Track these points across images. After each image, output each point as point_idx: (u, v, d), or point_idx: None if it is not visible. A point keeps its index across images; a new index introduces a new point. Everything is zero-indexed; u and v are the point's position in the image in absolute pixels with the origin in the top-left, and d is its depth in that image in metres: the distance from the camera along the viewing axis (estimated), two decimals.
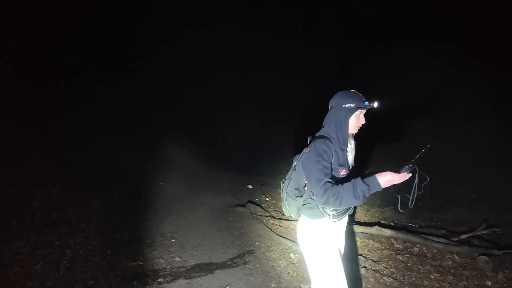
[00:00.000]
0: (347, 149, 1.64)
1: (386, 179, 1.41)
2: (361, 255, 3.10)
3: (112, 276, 2.45)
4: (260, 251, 3.24)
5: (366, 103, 1.55)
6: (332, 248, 1.66)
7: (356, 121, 1.59)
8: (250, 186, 5.42)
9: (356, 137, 1.71)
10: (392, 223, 3.91)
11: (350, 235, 3.41)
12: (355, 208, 3.30)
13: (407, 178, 1.43)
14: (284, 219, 4.06)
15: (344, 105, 1.56)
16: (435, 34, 8.52)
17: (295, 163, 1.69)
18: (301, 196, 1.66)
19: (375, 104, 1.55)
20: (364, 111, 1.60)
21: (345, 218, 1.77)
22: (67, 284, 2.24)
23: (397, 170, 1.45)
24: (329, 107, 1.66)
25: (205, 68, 10.20)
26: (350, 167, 1.69)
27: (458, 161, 5.68)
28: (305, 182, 1.63)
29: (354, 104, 1.55)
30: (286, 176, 1.80)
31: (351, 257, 2.95)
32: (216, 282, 2.57)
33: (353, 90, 1.62)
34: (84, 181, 3.79)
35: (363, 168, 5.55)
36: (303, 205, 1.67)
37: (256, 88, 10.76)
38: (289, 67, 11.29)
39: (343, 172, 1.57)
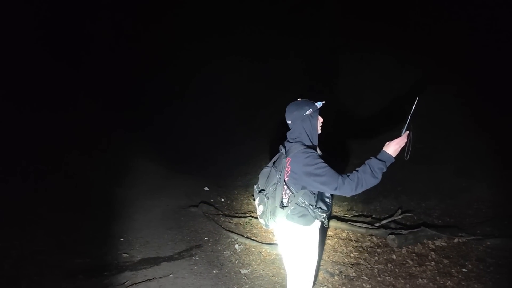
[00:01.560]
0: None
1: (394, 147, 1.55)
2: None
3: (58, 272, 2.58)
4: (207, 245, 3.51)
5: (319, 103, 1.73)
6: (317, 246, 1.84)
7: (318, 123, 1.78)
8: (206, 189, 5.61)
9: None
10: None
11: None
12: None
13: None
14: (235, 216, 4.35)
15: (304, 114, 1.69)
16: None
17: (278, 176, 1.67)
18: (287, 206, 1.67)
19: (322, 103, 1.76)
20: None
21: None
22: (12, 280, 2.35)
23: (397, 135, 1.60)
24: (289, 122, 1.75)
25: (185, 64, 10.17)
26: None
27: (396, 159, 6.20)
28: (287, 192, 1.68)
29: (311, 109, 1.70)
30: (266, 192, 1.73)
31: None
32: (161, 272, 2.79)
33: (300, 99, 1.78)
34: (33, 186, 3.82)
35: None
36: (293, 214, 1.68)
37: (215, 85, 10.56)
38: (267, 67, 10.64)
39: None
